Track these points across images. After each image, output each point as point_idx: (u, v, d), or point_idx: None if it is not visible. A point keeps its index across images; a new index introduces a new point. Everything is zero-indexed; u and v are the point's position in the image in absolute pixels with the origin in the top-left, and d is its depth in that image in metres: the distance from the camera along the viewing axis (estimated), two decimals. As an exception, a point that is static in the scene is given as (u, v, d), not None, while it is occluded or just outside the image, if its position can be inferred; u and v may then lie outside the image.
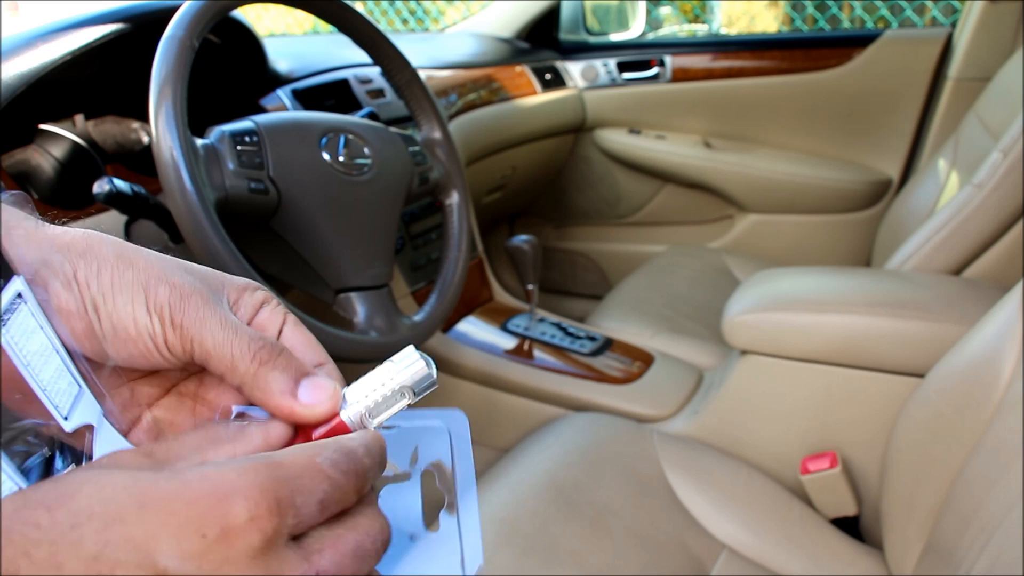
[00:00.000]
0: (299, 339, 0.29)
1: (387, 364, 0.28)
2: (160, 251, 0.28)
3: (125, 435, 0.28)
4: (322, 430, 0.27)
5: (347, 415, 0.27)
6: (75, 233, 0.27)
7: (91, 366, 0.26)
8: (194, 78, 0.70)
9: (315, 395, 0.27)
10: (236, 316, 0.28)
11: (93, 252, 0.26)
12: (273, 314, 0.29)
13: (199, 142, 0.72)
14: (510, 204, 1.91)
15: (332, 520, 0.24)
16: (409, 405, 0.28)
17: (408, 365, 0.28)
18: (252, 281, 0.30)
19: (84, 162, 0.84)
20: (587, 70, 1.87)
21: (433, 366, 0.28)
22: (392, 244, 0.85)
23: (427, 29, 3.30)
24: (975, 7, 1.53)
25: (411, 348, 0.29)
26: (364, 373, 0.29)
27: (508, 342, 1.26)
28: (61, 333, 0.25)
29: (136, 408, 0.28)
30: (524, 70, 1.73)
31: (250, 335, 0.27)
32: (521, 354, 1.22)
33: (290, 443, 0.27)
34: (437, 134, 0.94)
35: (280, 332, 0.29)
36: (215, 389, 0.29)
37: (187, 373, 0.29)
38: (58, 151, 0.82)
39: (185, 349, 0.26)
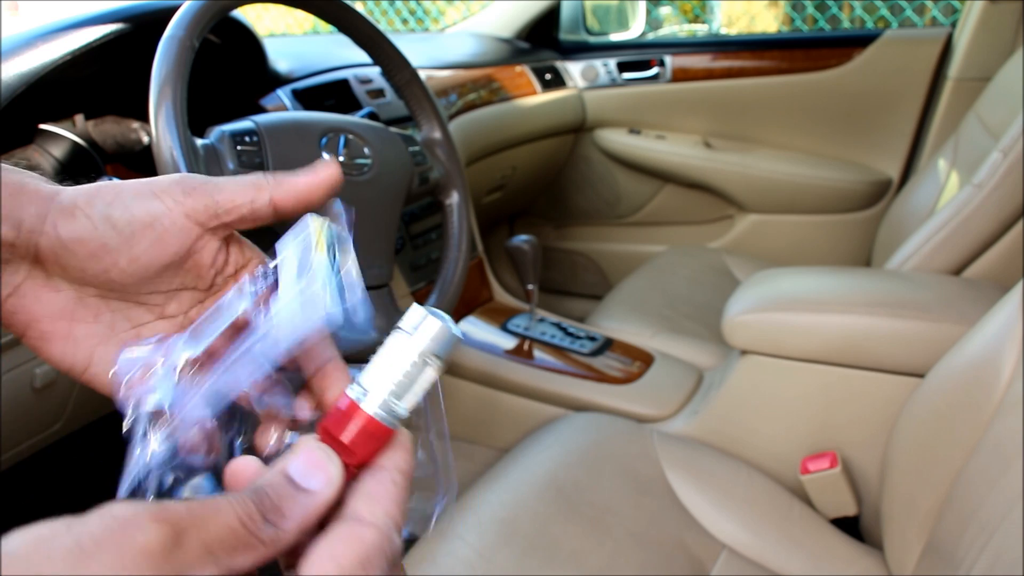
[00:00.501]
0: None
1: (396, 335, 0.25)
2: None
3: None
4: (351, 431, 0.25)
5: (371, 407, 0.25)
6: (75, 188, 0.29)
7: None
8: (194, 78, 0.70)
9: (320, 168, 0.31)
10: None
11: (88, 187, 0.28)
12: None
13: (199, 142, 0.72)
14: (510, 204, 1.91)
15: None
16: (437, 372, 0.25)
17: (423, 328, 0.25)
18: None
19: (84, 162, 0.84)
20: (587, 70, 1.87)
21: (450, 320, 0.25)
22: (392, 244, 0.85)
23: (427, 29, 3.30)
24: (975, 7, 1.53)
25: (417, 307, 0.25)
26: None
27: (508, 342, 1.26)
28: (86, 267, 0.28)
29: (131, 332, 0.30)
30: (524, 70, 1.73)
31: (254, 174, 0.30)
32: (521, 354, 1.22)
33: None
34: (437, 134, 0.94)
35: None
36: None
37: (189, 321, 0.31)
38: (58, 151, 0.82)
39: (207, 206, 0.29)
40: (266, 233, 0.32)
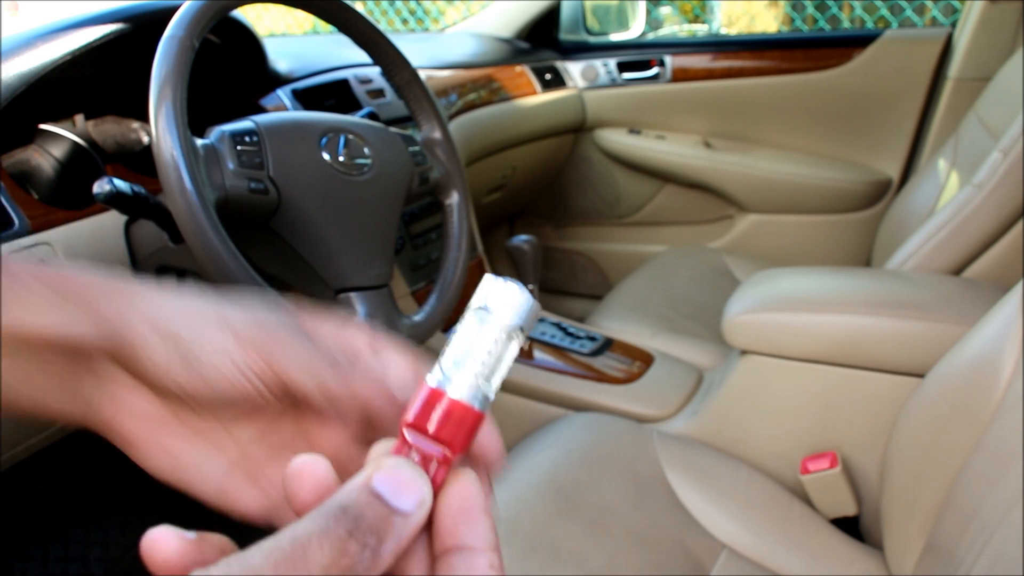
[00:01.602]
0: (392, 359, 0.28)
1: (475, 312, 0.23)
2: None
3: (224, 476, 0.27)
4: (436, 416, 0.22)
5: (460, 390, 0.22)
6: (166, 290, 0.27)
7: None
8: (194, 78, 0.70)
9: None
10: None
11: (179, 301, 0.26)
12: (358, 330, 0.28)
13: (199, 142, 0.72)
14: (510, 204, 1.91)
15: None
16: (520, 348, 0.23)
17: (506, 301, 0.23)
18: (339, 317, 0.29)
19: (84, 162, 0.84)
20: (587, 70, 1.87)
21: (526, 290, 0.23)
22: (392, 244, 0.85)
23: (427, 29, 3.30)
24: (975, 7, 1.53)
25: (492, 278, 0.23)
26: None
27: (508, 342, 1.26)
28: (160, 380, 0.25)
29: (235, 452, 0.27)
30: (524, 70, 1.73)
31: (332, 354, 0.26)
32: (521, 354, 1.22)
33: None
34: (437, 134, 0.94)
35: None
36: (316, 423, 0.28)
37: (286, 410, 0.28)
38: (58, 151, 0.82)
39: (274, 375, 0.25)
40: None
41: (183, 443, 0.27)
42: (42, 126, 0.83)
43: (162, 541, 0.21)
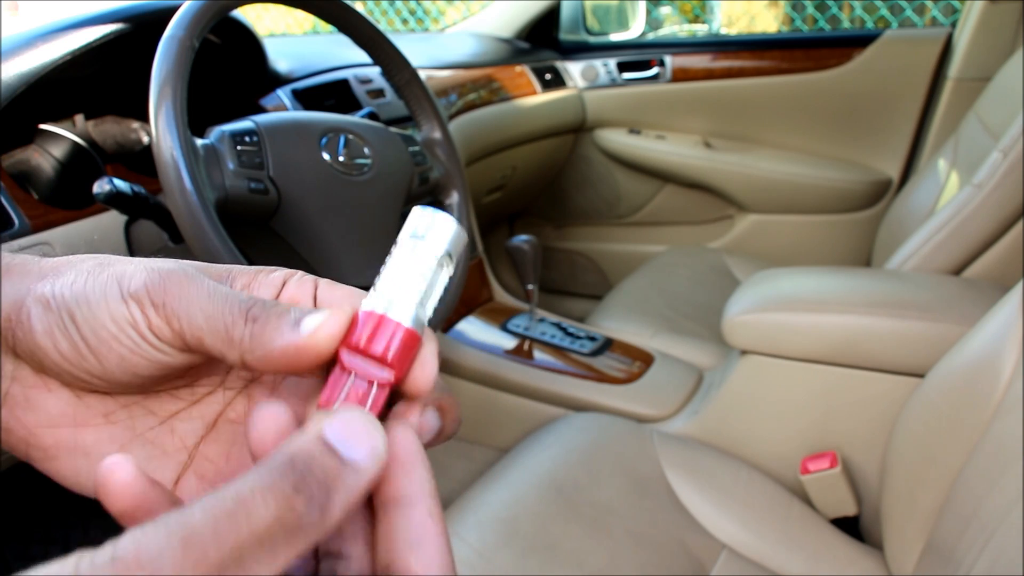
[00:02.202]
0: (339, 295, 0.25)
1: (408, 241, 0.23)
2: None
3: (175, 484, 0.25)
4: (390, 345, 0.22)
5: (400, 313, 0.22)
6: (62, 259, 0.24)
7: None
8: (194, 78, 0.70)
9: (314, 320, 0.22)
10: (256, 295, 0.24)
11: (72, 266, 0.23)
12: (301, 284, 0.25)
13: (199, 142, 0.72)
14: (510, 204, 1.91)
15: None
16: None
17: (437, 228, 0.23)
18: (267, 266, 0.26)
19: (84, 162, 0.84)
20: (587, 70, 1.87)
21: (453, 217, 0.24)
22: (392, 244, 0.85)
23: (427, 29, 3.30)
24: (975, 7, 1.53)
25: (421, 208, 0.24)
26: None
27: (508, 342, 1.26)
28: (51, 361, 0.22)
29: (181, 452, 0.25)
30: (524, 70, 1.73)
31: (242, 297, 0.22)
32: (521, 354, 1.22)
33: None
34: (437, 134, 0.94)
35: (315, 298, 0.25)
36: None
37: (231, 395, 0.26)
38: (58, 151, 0.82)
39: (174, 330, 0.22)
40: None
41: (117, 448, 0.24)
42: (42, 126, 0.83)
43: (119, 468, 0.20)
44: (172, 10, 0.72)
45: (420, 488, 0.21)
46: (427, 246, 0.23)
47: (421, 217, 0.23)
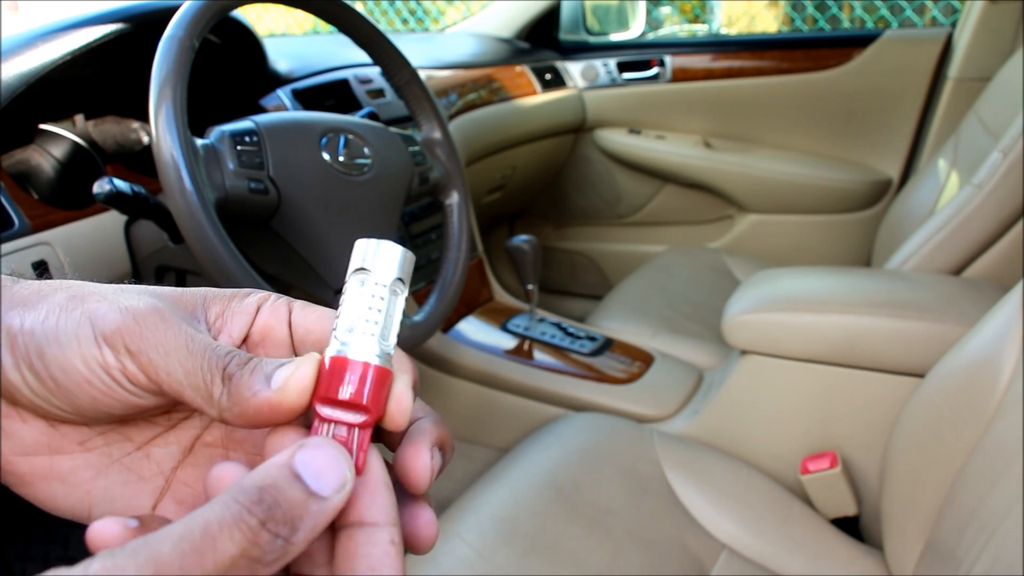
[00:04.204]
0: (312, 318, 0.25)
1: (356, 275, 0.23)
2: (132, 283, 0.25)
3: (153, 509, 0.24)
4: (348, 383, 0.22)
5: (364, 353, 0.22)
6: (33, 286, 0.23)
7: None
8: (194, 78, 0.70)
9: (283, 373, 0.22)
10: (229, 326, 0.25)
11: (44, 298, 0.23)
12: (275, 309, 0.25)
13: (199, 142, 0.72)
14: (510, 204, 1.91)
15: None
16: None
17: (382, 257, 0.23)
18: (242, 289, 0.26)
19: (84, 162, 0.84)
20: (587, 70, 1.87)
21: (396, 243, 0.23)
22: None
23: (427, 29, 3.30)
24: (975, 7, 1.53)
25: (363, 241, 0.23)
26: None
27: (508, 342, 1.26)
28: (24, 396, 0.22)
29: (158, 477, 0.25)
30: (524, 70, 1.73)
31: (219, 352, 0.22)
32: (521, 354, 1.22)
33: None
34: (437, 134, 0.94)
35: (290, 323, 0.25)
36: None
37: (207, 419, 0.26)
38: (58, 151, 0.82)
39: (151, 378, 0.22)
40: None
41: (93, 474, 0.24)
42: (42, 126, 0.83)
43: (105, 531, 0.20)
44: (172, 10, 0.72)
45: (385, 515, 0.22)
46: (375, 277, 0.23)
47: (365, 249, 0.23)
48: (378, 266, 0.23)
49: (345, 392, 0.22)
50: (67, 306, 0.23)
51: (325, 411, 0.22)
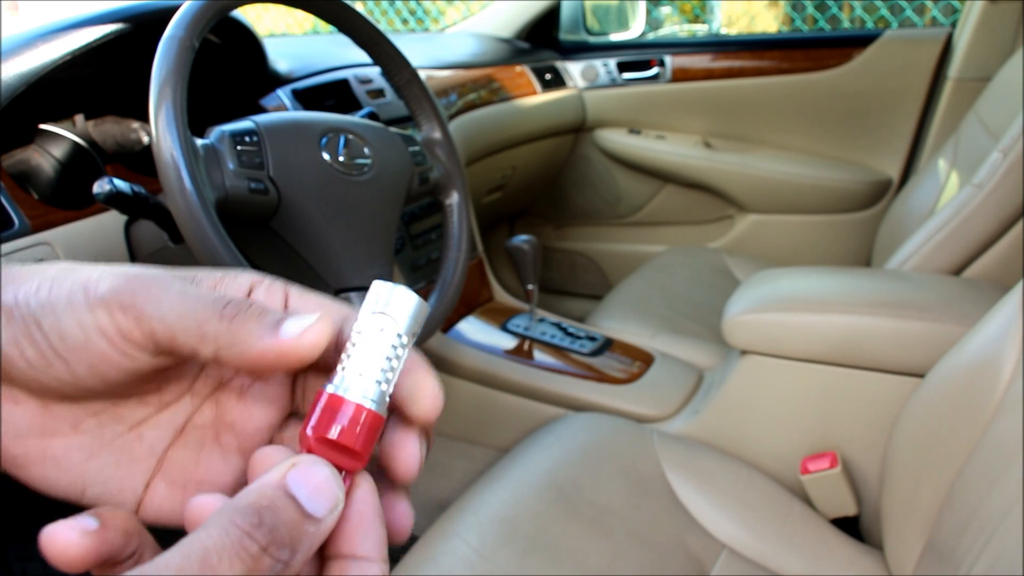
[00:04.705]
0: (311, 306, 0.25)
1: (372, 316, 0.23)
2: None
3: (144, 489, 0.24)
4: (344, 424, 0.22)
5: (364, 397, 0.22)
6: (23, 266, 0.24)
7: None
8: (194, 78, 0.70)
9: (299, 325, 0.22)
10: None
11: (34, 274, 0.23)
12: (270, 292, 0.25)
13: (199, 142, 0.72)
14: (510, 204, 1.91)
15: None
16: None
17: (403, 306, 0.23)
18: (235, 269, 0.26)
19: (84, 162, 0.84)
20: (587, 70, 1.87)
21: (415, 293, 0.23)
22: (392, 244, 0.85)
23: (427, 29, 3.30)
24: (975, 7, 1.53)
25: (383, 284, 0.23)
26: None
27: (508, 342, 1.26)
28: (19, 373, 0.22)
29: (150, 458, 0.25)
30: (524, 70, 1.73)
31: (214, 296, 0.22)
32: (521, 354, 1.22)
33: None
34: (437, 134, 0.94)
35: (286, 306, 0.25)
36: (236, 407, 0.25)
37: (199, 400, 0.26)
38: (58, 151, 0.82)
39: (144, 333, 0.22)
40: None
41: (86, 456, 0.24)
42: (42, 126, 0.83)
43: (61, 536, 0.19)
44: (172, 10, 0.72)
45: (377, 549, 0.22)
46: (394, 325, 0.23)
47: (386, 293, 0.23)
48: (399, 315, 0.23)
49: (344, 435, 0.22)
50: (59, 277, 0.23)
51: (316, 447, 0.22)
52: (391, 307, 0.23)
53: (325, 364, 0.24)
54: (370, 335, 0.22)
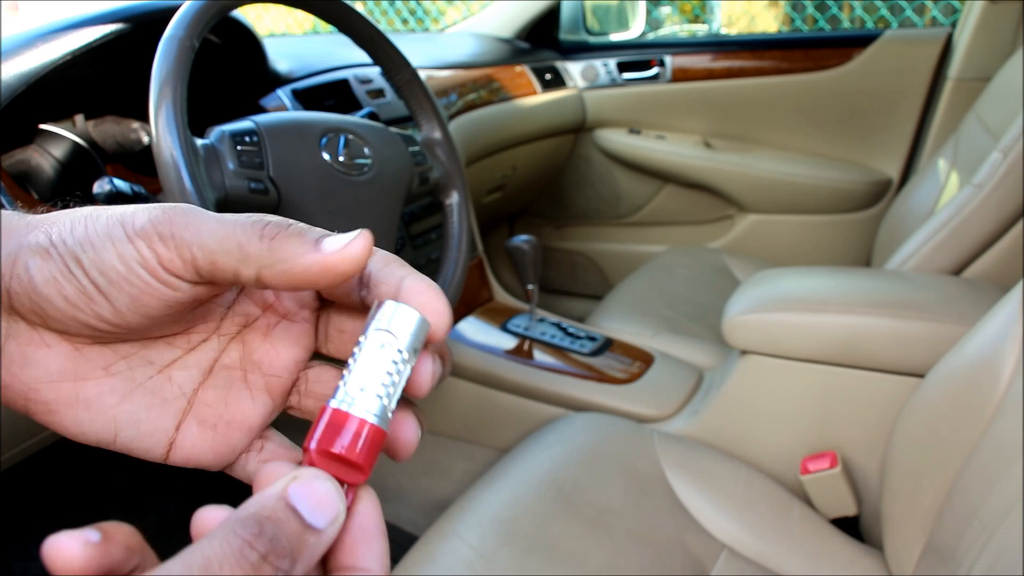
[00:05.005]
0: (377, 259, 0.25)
1: (375, 333, 0.23)
2: None
3: (176, 430, 0.25)
4: (347, 439, 0.22)
5: (367, 413, 0.22)
6: (48, 214, 0.24)
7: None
8: (194, 78, 0.70)
9: (341, 240, 0.22)
10: None
11: (66, 215, 0.23)
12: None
13: (199, 142, 0.72)
14: (510, 204, 1.91)
15: None
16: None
17: (407, 324, 0.23)
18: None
19: (84, 162, 0.84)
20: (587, 70, 1.87)
21: (417, 312, 0.24)
22: (392, 244, 0.85)
23: (427, 29, 3.30)
24: (975, 7, 1.53)
25: (390, 302, 0.24)
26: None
27: (508, 342, 1.26)
28: (55, 309, 0.22)
29: (180, 399, 0.25)
30: (524, 70, 1.73)
31: (254, 219, 0.23)
32: (521, 354, 1.22)
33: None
34: (437, 134, 0.94)
35: None
36: (262, 346, 0.26)
37: (226, 340, 0.26)
38: (58, 151, 0.82)
39: (185, 260, 0.22)
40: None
41: (118, 399, 0.24)
42: (42, 126, 0.83)
43: (63, 548, 0.19)
44: (172, 10, 0.72)
45: (379, 563, 0.22)
46: (397, 343, 0.23)
47: (391, 311, 0.23)
48: (402, 332, 0.23)
49: (346, 449, 0.22)
50: (92, 215, 0.23)
51: (318, 461, 0.22)
52: (394, 324, 0.23)
53: (350, 301, 0.25)
54: (372, 351, 0.23)
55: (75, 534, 0.19)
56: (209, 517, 0.22)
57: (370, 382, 0.23)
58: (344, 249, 0.22)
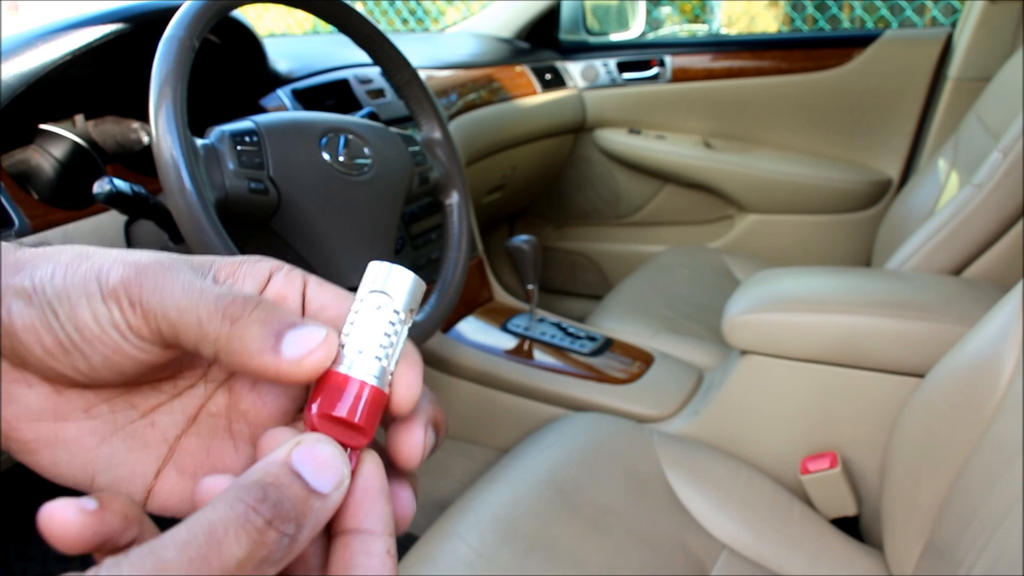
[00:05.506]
0: (329, 296, 0.24)
1: (371, 295, 0.23)
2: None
3: (155, 477, 0.24)
4: (348, 401, 0.22)
5: (367, 374, 0.22)
6: (37, 249, 0.24)
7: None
8: (194, 78, 0.70)
9: (302, 345, 0.21)
10: (240, 286, 0.24)
11: (50, 258, 0.23)
12: (290, 279, 0.24)
13: (199, 142, 0.72)
14: (510, 204, 1.91)
15: None
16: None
17: (400, 284, 0.23)
18: (254, 255, 0.25)
19: (84, 162, 0.84)
20: (587, 70, 1.87)
21: (410, 271, 0.24)
22: (392, 244, 0.85)
23: (427, 29, 3.30)
24: (975, 7, 1.53)
25: (379, 263, 0.24)
26: None
27: (508, 342, 1.26)
28: (32, 356, 0.22)
29: (162, 445, 0.25)
30: (524, 70, 1.73)
31: (218, 292, 0.22)
32: (521, 354, 1.22)
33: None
34: (437, 134, 0.94)
35: (304, 296, 0.24)
36: (249, 396, 0.25)
37: (212, 387, 0.26)
38: (58, 151, 0.82)
39: (151, 329, 0.21)
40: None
41: (97, 441, 0.24)
42: (42, 126, 0.83)
43: (59, 514, 0.19)
44: (172, 10, 0.72)
45: (383, 523, 0.22)
46: (392, 303, 0.23)
47: (382, 272, 0.23)
48: (396, 292, 0.23)
49: (345, 411, 0.22)
50: (73, 263, 0.22)
51: (321, 424, 0.22)
52: (388, 285, 0.23)
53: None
54: (368, 312, 0.23)
55: (71, 501, 0.19)
56: (213, 484, 0.22)
57: (368, 344, 0.22)
58: (302, 361, 0.21)
